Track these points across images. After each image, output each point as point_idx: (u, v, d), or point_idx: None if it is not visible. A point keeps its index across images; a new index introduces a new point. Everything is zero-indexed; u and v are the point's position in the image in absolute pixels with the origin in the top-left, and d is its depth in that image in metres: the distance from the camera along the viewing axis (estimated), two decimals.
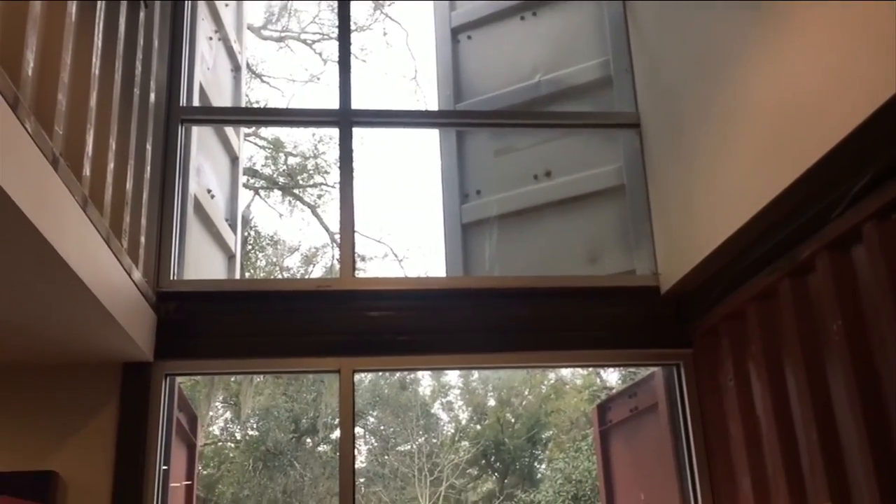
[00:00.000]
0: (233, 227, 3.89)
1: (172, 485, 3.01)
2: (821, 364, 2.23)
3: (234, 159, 4.07)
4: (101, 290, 2.13)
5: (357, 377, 2.97)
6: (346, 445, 2.85)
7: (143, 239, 2.70)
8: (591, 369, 13.22)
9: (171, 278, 2.94)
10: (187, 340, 2.88)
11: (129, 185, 2.52)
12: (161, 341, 2.82)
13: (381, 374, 14.13)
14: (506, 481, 13.90)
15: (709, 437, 2.85)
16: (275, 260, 14.04)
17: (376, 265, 13.72)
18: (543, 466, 13.84)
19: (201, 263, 3.35)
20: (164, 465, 2.83)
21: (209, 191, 3.51)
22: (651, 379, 3.28)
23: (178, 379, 3.03)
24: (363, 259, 13.51)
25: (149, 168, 2.79)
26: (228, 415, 13.75)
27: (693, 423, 2.91)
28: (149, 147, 2.79)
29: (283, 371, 3.09)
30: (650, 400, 3.28)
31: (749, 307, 2.56)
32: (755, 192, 2.34)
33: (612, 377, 13.19)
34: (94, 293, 2.07)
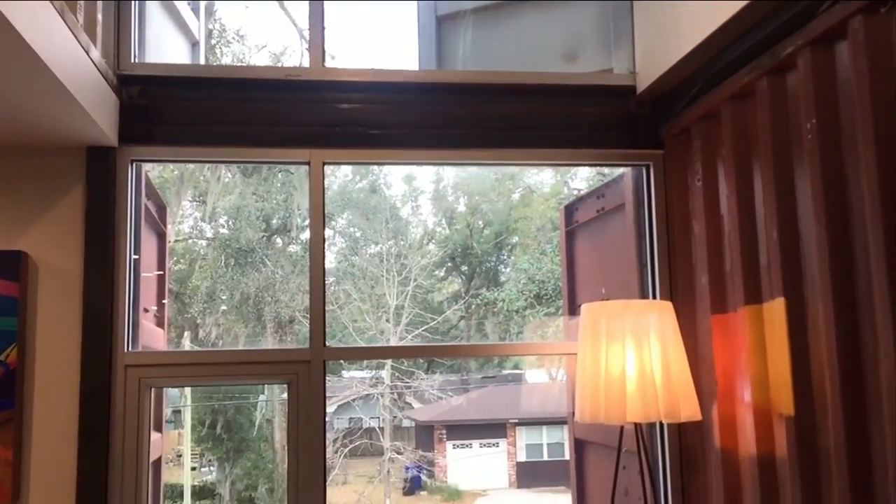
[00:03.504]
0: (195, 11, 3.69)
1: (144, 274, 3.05)
2: (789, 163, 2.24)
3: None
4: (58, 66, 2.04)
5: (327, 181, 2.96)
6: (317, 238, 2.86)
7: (99, 16, 2.56)
8: (559, 177, 13.34)
9: (133, 61, 2.82)
10: (152, 127, 2.81)
11: None
12: (125, 127, 2.76)
13: (350, 178, 14.15)
14: (472, 283, 14.39)
15: (672, 236, 2.91)
16: (241, 57, 13.60)
17: (347, 62, 13.34)
18: (509, 269, 14.29)
19: (163, 48, 3.21)
20: (135, 254, 2.85)
21: None
22: (620, 180, 3.30)
23: (146, 167, 3.00)
24: (333, 58, 13.10)
25: None
26: (199, 214, 13.83)
27: (658, 222, 2.97)
28: None
29: (252, 161, 3.05)
30: (617, 201, 3.32)
31: (724, 107, 2.54)
32: None
33: (581, 185, 13.36)
34: (49, 67, 1.97)
